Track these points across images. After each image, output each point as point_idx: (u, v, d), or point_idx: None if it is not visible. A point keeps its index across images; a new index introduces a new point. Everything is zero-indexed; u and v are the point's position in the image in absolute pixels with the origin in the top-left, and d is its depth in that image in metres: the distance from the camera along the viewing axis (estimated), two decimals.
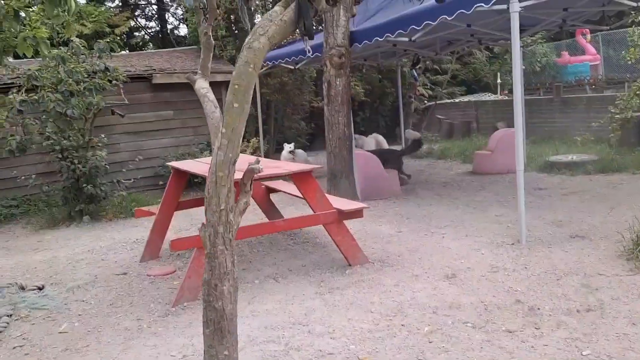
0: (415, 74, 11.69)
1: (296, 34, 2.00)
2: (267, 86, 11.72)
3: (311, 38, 1.92)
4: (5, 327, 3.77)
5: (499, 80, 15.53)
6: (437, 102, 15.49)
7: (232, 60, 11.13)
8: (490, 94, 16.59)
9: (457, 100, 16.24)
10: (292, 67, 10.26)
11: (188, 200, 5.72)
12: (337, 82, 7.14)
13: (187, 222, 6.54)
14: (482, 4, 5.06)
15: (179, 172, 5.25)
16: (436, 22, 5.80)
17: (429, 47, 9.51)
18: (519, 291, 3.77)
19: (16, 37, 4.25)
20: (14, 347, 3.50)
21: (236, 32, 11.91)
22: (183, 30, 16.94)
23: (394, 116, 14.48)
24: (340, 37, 7.05)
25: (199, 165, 5.13)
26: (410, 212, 6.54)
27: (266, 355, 3.09)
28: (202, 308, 2.15)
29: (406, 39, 7.20)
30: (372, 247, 5.09)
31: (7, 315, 3.90)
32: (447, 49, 10.00)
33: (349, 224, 4.72)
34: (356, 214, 4.61)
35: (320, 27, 7.64)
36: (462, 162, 10.45)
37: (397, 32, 6.46)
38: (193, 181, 8.30)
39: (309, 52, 2.37)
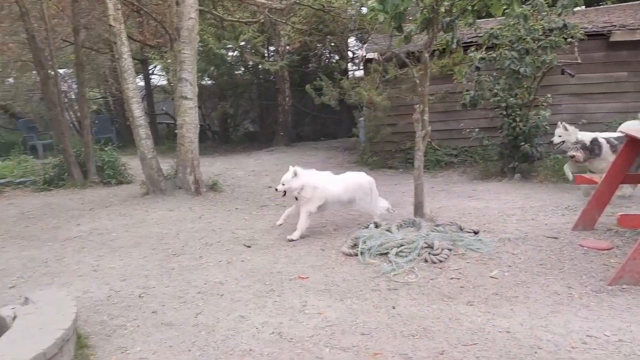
0: None
1: None
2: None
3: None
4: (445, 259, 4.30)
5: None
6: None
7: None
8: None
9: None
10: None
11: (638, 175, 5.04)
12: None
13: (625, 199, 5.85)
14: None
15: (634, 142, 4.64)
16: None
17: None
18: None
19: None
20: (451, 278, 3.97)
21: None
22: None
23: None
24: None
25: None
26: None
27: None
28: None
29: None
30: None
31: (448, 249, 4.43)
32: None
33: None
34: None
35: None
36: None
37: None
38: None
39: None
